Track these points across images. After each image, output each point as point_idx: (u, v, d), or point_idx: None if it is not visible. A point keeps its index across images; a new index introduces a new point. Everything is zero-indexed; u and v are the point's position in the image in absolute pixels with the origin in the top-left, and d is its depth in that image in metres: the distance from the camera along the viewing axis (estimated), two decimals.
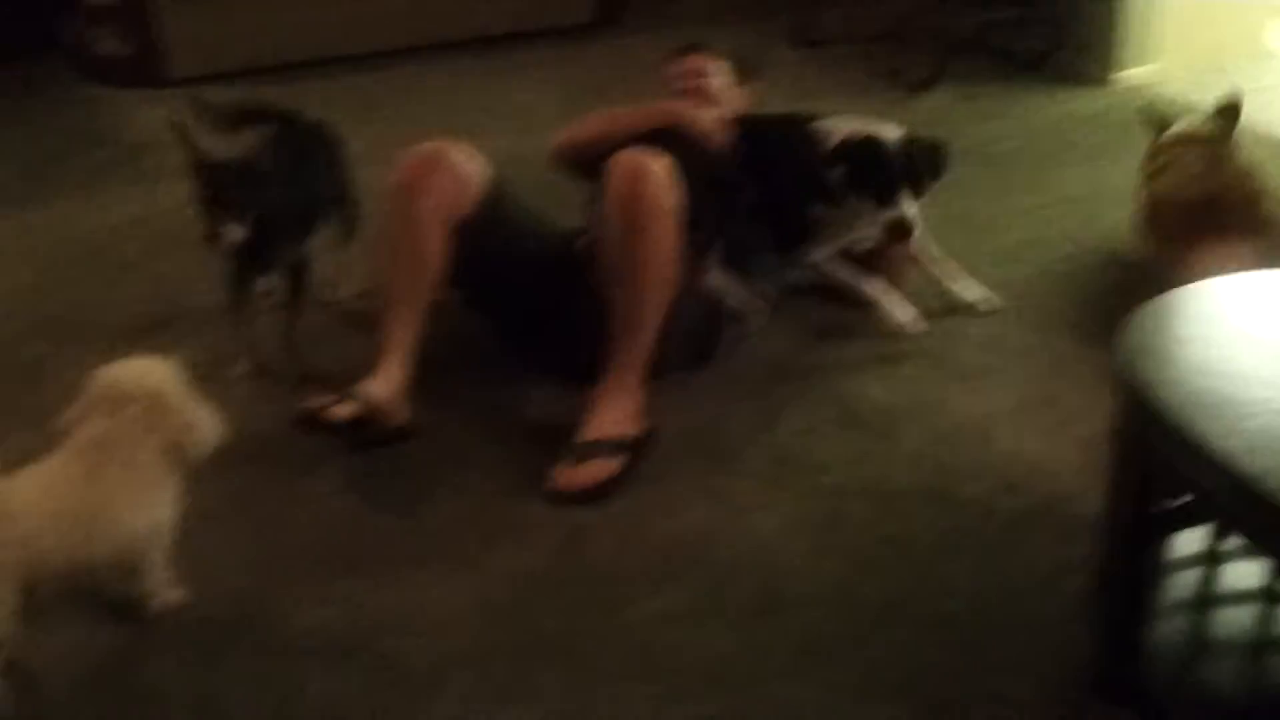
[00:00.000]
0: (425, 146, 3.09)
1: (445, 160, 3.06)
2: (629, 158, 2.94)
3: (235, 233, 2.96)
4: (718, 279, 3.25)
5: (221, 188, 2.94)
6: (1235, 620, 2.39)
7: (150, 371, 2.32)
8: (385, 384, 2.89)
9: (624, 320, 2.94)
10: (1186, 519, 2.39)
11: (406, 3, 5.48)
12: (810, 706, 2.28)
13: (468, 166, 3.10)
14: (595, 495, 2.79)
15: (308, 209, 3.28)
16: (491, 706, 2.27)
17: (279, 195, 3.06)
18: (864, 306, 3.36)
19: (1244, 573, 2.42)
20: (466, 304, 3.27)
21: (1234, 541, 2.42)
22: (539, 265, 3.18)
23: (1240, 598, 2.41)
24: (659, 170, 2.93)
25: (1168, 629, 2.36)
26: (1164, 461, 2.13)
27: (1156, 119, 3.66)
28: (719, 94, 3.55)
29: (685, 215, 2.97)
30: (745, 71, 3.66)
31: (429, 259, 3.01)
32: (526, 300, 3.19)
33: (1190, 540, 2.45)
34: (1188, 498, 2.29)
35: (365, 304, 3.41)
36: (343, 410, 2.84)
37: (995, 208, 4.08)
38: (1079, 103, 4.94)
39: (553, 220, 3.33)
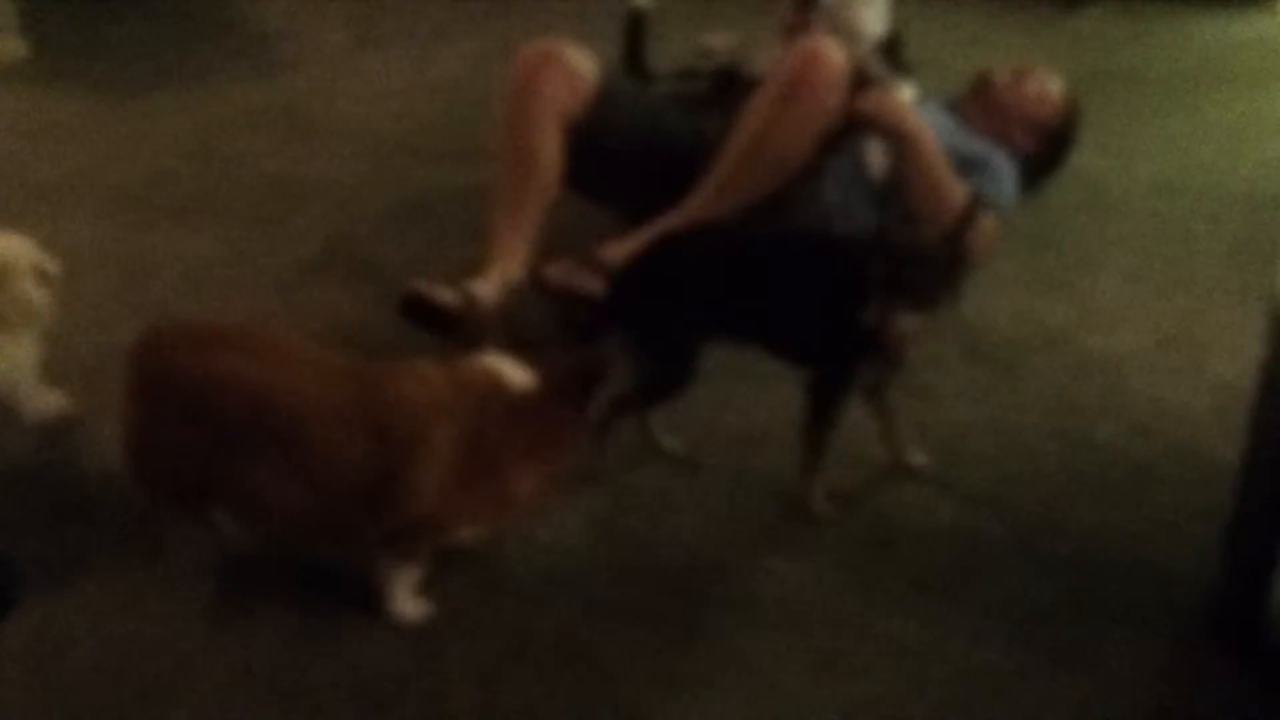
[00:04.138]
0: (538, 45, 3.00)
1: (559, 59, 2.98)
2: (810, 43, 2.88)
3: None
4: None
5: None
6: None
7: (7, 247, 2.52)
8: (493, 283, 2.83)
9: (720, 174, 2.89)
10: None
11: None
12: (920, 645, 2.19)
13: (582, 66, 3.01)
14: (567, 297, 2.80)
15: None
16: (595, 626, 2.22)
17: None
18: None
19: None
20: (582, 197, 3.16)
21: None
22: (654, 163, 3.07)
23: None
24: (834, 62, 2.85)
25: None
26: None
27: None
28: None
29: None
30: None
31: (543, 159, 2.93)
32: (642, 197, 3.07)
33: None
34: None
35: None
36: (446, 295, 2.76)
37: (1149, 134, 3.90)
38: (1241, 26, 4.74)
39: (672, 118, 3.20)
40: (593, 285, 2.75)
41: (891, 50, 3.17)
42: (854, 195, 2.99)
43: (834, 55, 2.86)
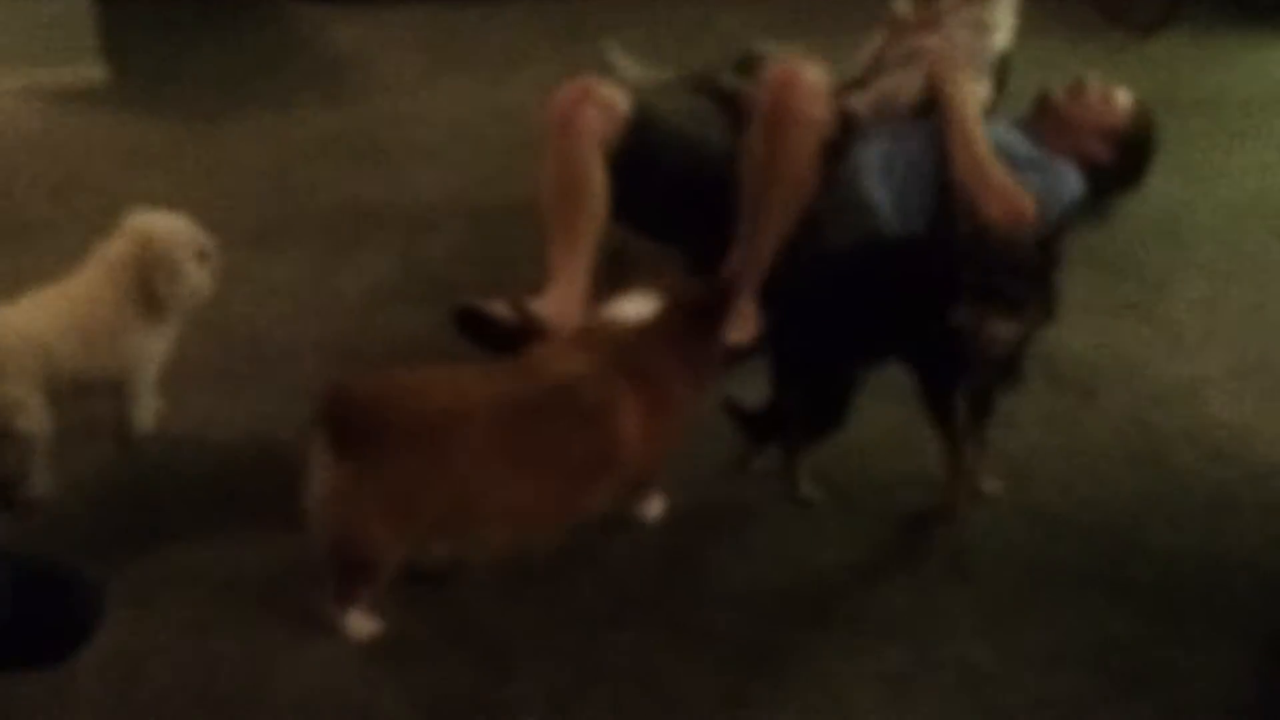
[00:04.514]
0: (572, 84, 3.09)
1: (592, 93, 3.07)
2: (782, 67, 2.95)
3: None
4: None
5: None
6: None
7: (166, 226, 2.53)
8: (553, 303, 2.86)
9: (747, 225, 2.95)
10: None
11: None
12: (994, 671, 2.17)
13: (614, 97, 3.09)
14: None
15: None
16: (666, 646, 2.22)
17: None
18: None
19: None
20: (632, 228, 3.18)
21: None
22: (692, 185, 3.11)
23: None
24: (810, 80, 2.93)
25: None
26: None
27: None
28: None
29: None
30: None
31: (591, 186, 2.99)
32: (682, 220, 3.13)
33: None
34: None
35: None
36: (501, 309, 2.82)
37: (1224, 161, 3.86)
38: None
39: (711, 140, 3.23)
40: None
41: (1000, 70, 3.21)
42: (906, 189, 3.02)
43: (806, 72, 2.93)
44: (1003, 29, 3.21)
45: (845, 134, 3.05)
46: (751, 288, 2.94)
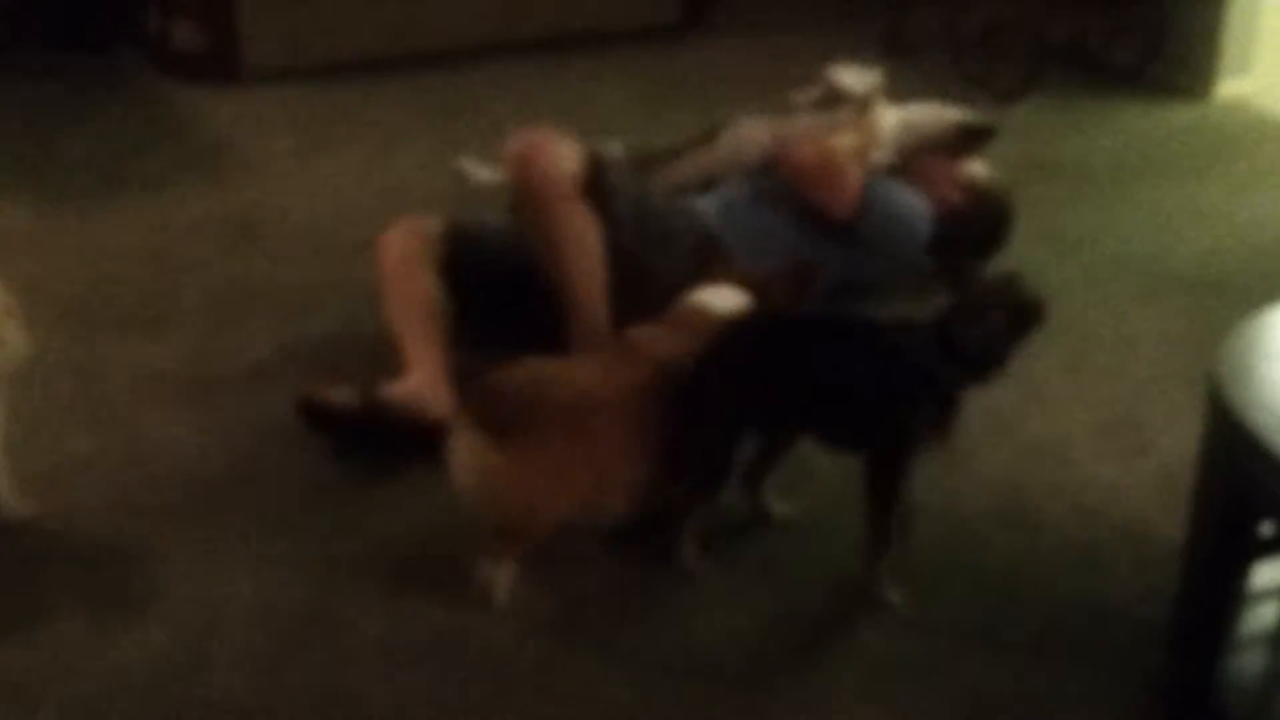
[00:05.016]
0: (395, 226, 3.24)
1: (409, 225, 3.22)
2: (517, 139, 3.07)
3: None
4: None
5: None
6: None
7: None
8: (410, 386, 2.92)
9: (565, 298, 3.02)
10: (1273, 547, 2.32)
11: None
12: None
13: (427, 225, 3.23)
14: None
15: None
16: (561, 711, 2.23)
17: None
18: None
19: None
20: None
21: None
22: (512, 280, 3.18)
23: None
24: (543, 141, 3.04)
25: (1247, 661, 2.30)
26: (1251, 485, 2.07)
27: None
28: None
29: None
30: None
31: (427, 297, 3.09)
32: (511, 314, 3.21)
33: (1273, 571, 2.38)
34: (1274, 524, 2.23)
35: None
36: (344, 397, 2.87)
37: (1085, 224, 3.98)
38: (1175, 116, 4.84)
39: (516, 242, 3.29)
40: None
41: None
42: (753, 226, 3.28)
43: (542, 140, 3.05)
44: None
45: (600, 172, 3.11)
46: (598, 346, 2.95)
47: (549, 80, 5.17)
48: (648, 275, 3.06)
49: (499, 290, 3.19)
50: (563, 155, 3.04)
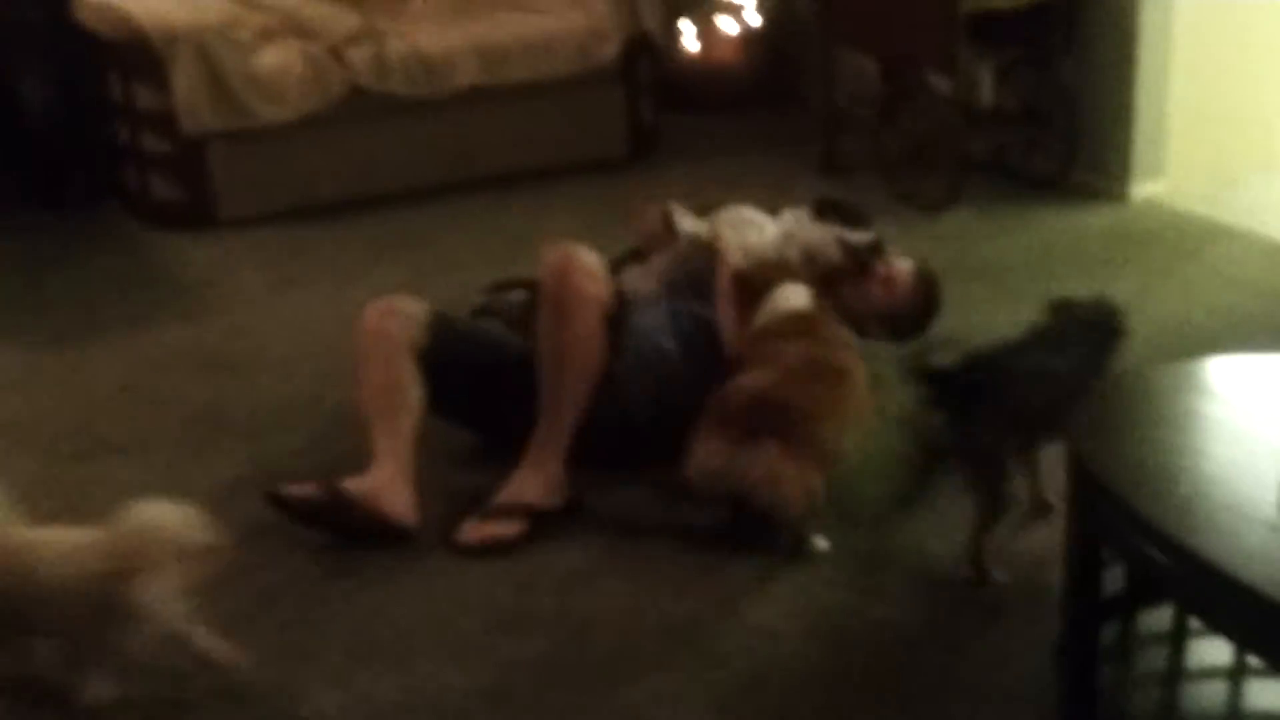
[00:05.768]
0: (377, 301, 3.46)
1: (394, 306, 3.42)
2: (558, 249, 3.33)
3: None
4: None
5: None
6: (1205, 696, 2.50)
7: None
8: (375, 479, 3.14)
9: (546, 400, 3.25)
10: (1138, 594, 2.51)
11: (450, 141, 5.71)
12: None
13: (412, 307, 3.44)
14: (490, 551, 3.11)
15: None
16: None
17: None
18: None
19: (1214, 649, 2.51)
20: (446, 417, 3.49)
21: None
22: (491, 373, 3.44)
23: (1209, 673, 2.51)
24: (585, 260, 3.29)
25: (1139, 704, 2.48)
26: (1107, 534, 2.27)
27: None
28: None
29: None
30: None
31: (404, 384, 3.29)
32: (486, 405, 3.46)
33: (1161, 616, 2.56)
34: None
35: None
36: (307, 491, 3.10)
37: (999, 322, 4.18)
38: (1093, 218, 5.07)
39: (504, 335, 3.59)
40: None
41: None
42: (688, 332, 3.47)
43: (580, 254, 3.31)
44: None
45: (621, 306, 3.40)
46: (558, 457, 3.23)
47: (501, 211, 5.45)
48: (621, 403, 3.32)
49: (472, 387, 3.42)
50: (595, 276, 3.30)
